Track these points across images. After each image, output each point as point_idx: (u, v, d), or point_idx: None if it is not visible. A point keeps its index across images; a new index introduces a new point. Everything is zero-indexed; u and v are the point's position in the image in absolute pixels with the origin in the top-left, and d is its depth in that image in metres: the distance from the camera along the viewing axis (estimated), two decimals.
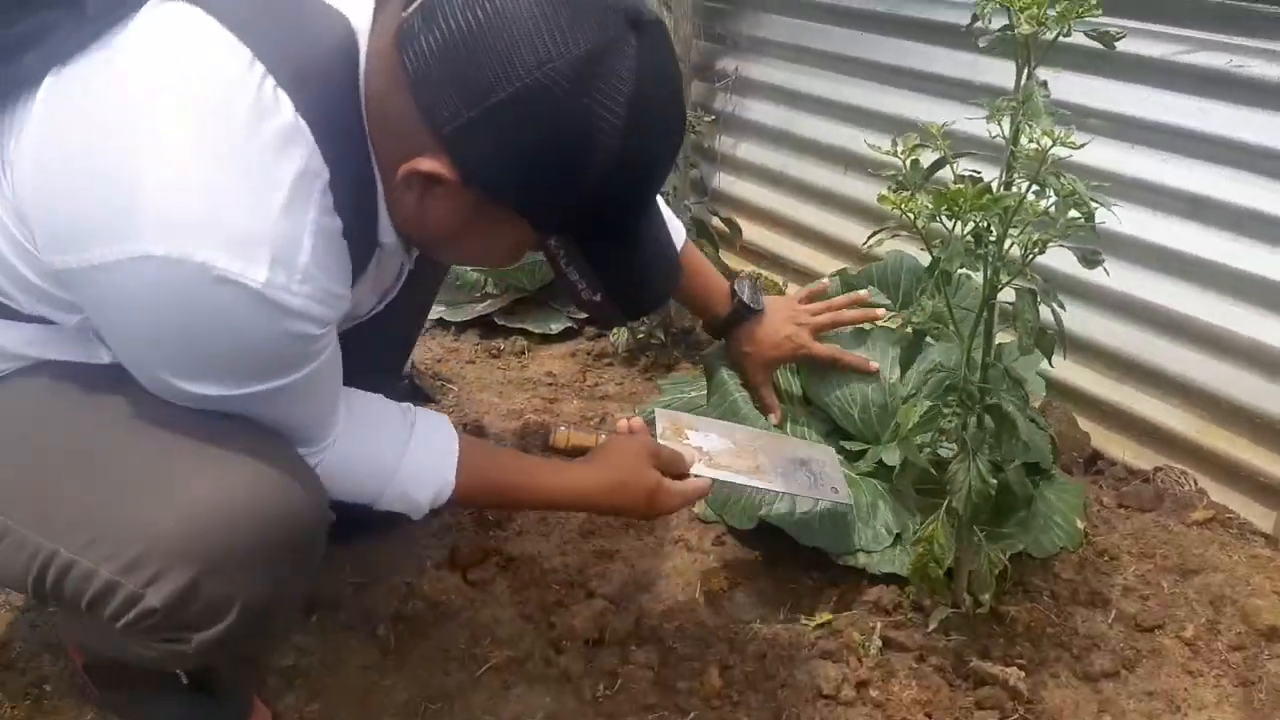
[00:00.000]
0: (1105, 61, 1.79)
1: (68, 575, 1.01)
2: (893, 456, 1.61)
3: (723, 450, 1.51)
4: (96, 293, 0.96)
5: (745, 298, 1.72)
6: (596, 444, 1.46)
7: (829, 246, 2.44)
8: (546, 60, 0.92)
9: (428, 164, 0.97)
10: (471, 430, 1.93)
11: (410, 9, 0.95)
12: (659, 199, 1.39)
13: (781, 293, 2.48)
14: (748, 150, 2.60)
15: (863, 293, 1.82)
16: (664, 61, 1.00)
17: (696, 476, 1.44)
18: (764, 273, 2.53)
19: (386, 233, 1.08)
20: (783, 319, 1.75)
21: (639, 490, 1.37)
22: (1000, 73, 1.94)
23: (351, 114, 0.99)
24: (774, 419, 1.74)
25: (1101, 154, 1.74)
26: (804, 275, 2.43)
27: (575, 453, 1.49)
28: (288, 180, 0.93)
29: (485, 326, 2.37)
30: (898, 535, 1.59)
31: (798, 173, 2.48)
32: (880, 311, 1.78)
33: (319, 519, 1.08)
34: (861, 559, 1.58)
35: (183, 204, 0.90)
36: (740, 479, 1.49)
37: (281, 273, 0.92)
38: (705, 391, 1.86)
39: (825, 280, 1.92)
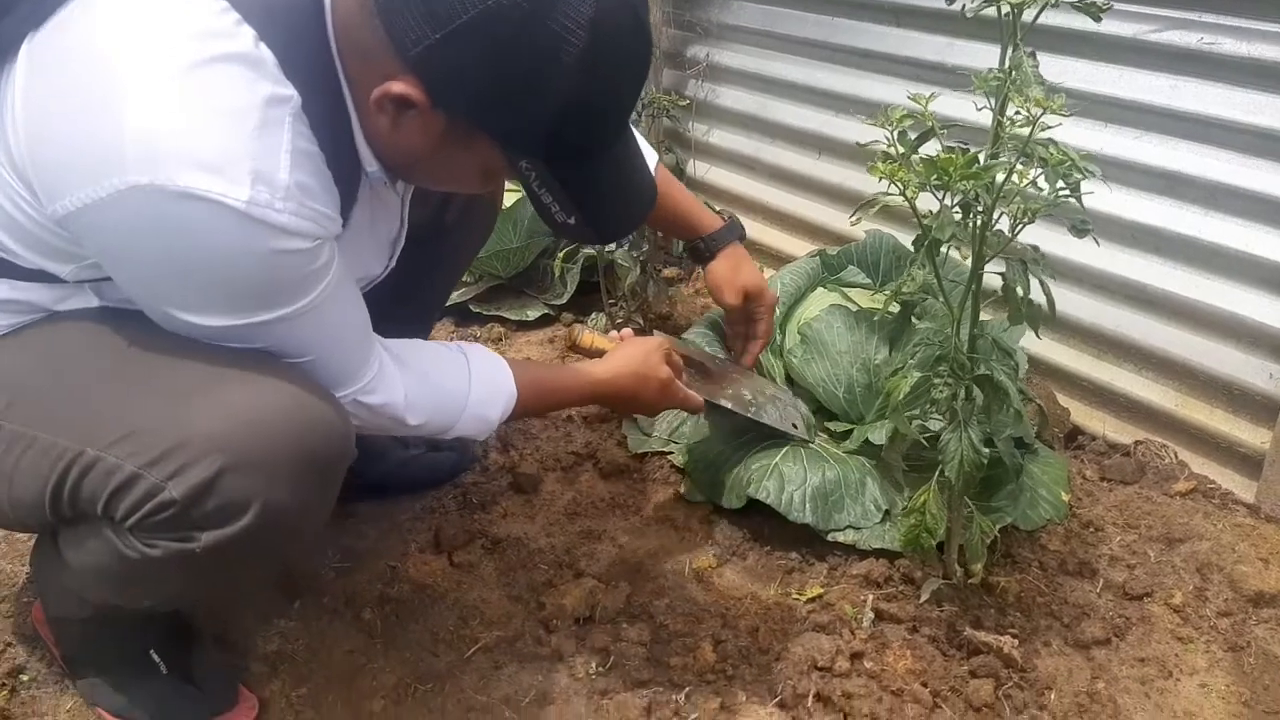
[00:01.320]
0: (1079, 42, 1.82)
1: (90, 472, 1.02)
2: (879, 435, 1.61)
3: (712, 377, 1.68)
4: (96, 234, 0.99)
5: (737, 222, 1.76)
6: (614, 347, 1.59)
7: (803, 230, 2.45)
8: None
9: (398, 87, 1.00)
10: None
11: None
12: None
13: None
14: (721, 136, 2.61)
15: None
16: None
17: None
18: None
19: (368, 160, 1.11)
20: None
21: (655, 381, 1.51)
22: (973, 54, 1.98)
23: (319, 44, 1.02)
24: (748, 361, 1.76)
25: (1076, 133, 1.75)
26: (778, 259, 2.43)
27: (595, 353, 1.60)
28: (257, 105, 0.96)
29: (461, 314, 2.35)
30: (886, 511, 1.59)
31: (771, 158, 2.49)
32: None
33: (344, 444, 1.11)
34: (850, 535, 1.58)
35: (159, 135, 0.93)
36: (724, 403, 1.65)
37: (264, 190, 0.95)
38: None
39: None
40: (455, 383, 1.32)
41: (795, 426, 1.71)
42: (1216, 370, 1.78)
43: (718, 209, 1.79)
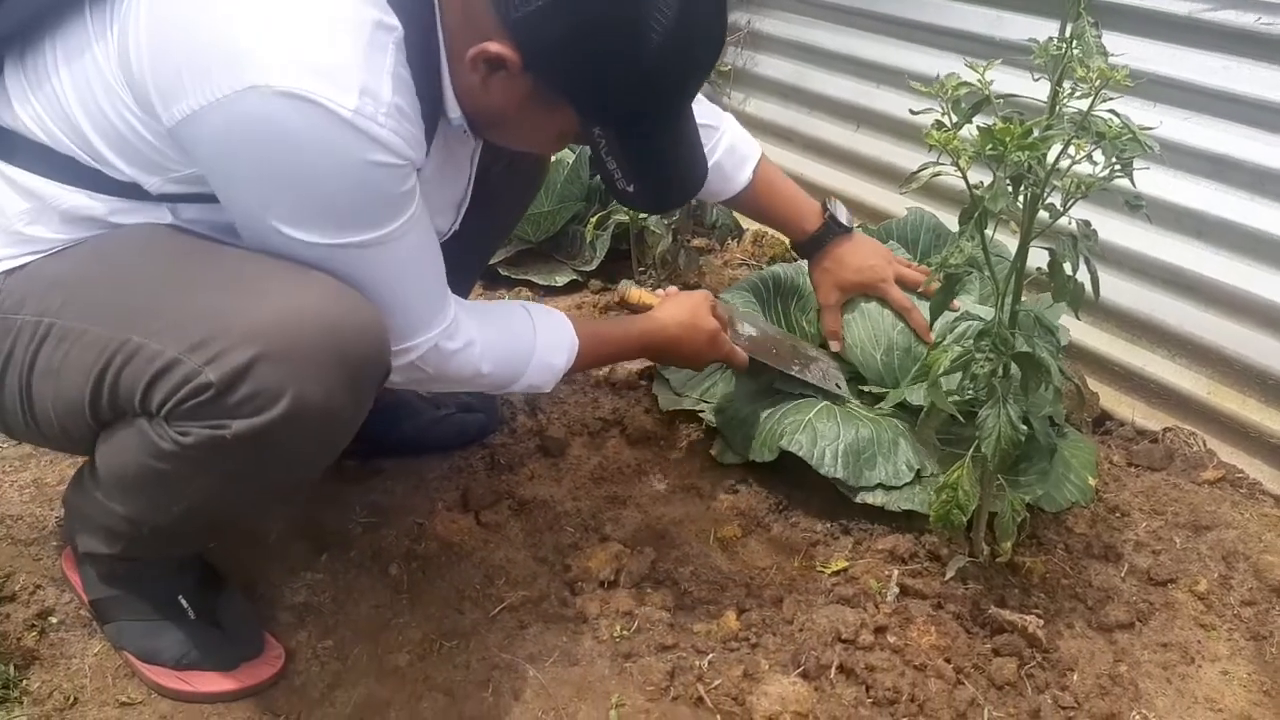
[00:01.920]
0: (1130, 18, 1.79)
1: (133, 359, 1.06)
2: (917, 396, 1.58)
3: (756, 337, 1.71)
4: (207, 139, 1.04)
5: (839, 216, 1.74)
6: (658, 300, 1.64)
7: None
8: None
9: (495, 47, 1.07)
10: None
11: None
12: (733, 120, 1.62)
13: (787, 250, 2.46)
14: (758, 106, 2.58)
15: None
16: None
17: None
18: (771, 231, 2.51)
19: (452, 108, 1.16)
20: (872, 250, 1.74)
21: (704, 332, 1.57)
22: (1023, 28, 1.95)
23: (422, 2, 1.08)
24: (835, 346, 1.73)
25: (1124, 111, 1.72)
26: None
27: (643, 309, 1.64)
28: (367, 26, 1.03)
29: (489, 277, 2.34)
30: (917, 473, 1.58)
31: (809, 129, 2.46)
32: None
33: (378, 348, 1.13)
34: (880, 496, 1.57)
35: (275, 43, 1.00)
36: (767, 360, 1.67)
37: (369, 102, 1.02)
38: None
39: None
40: (522, 332, 1.38)
41: (839, 386, 1.72)
42: (1252, 359, 1.76)
43: (821, 199, 1.76)
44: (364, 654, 1.36)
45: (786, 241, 2.47)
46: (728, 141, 1.64)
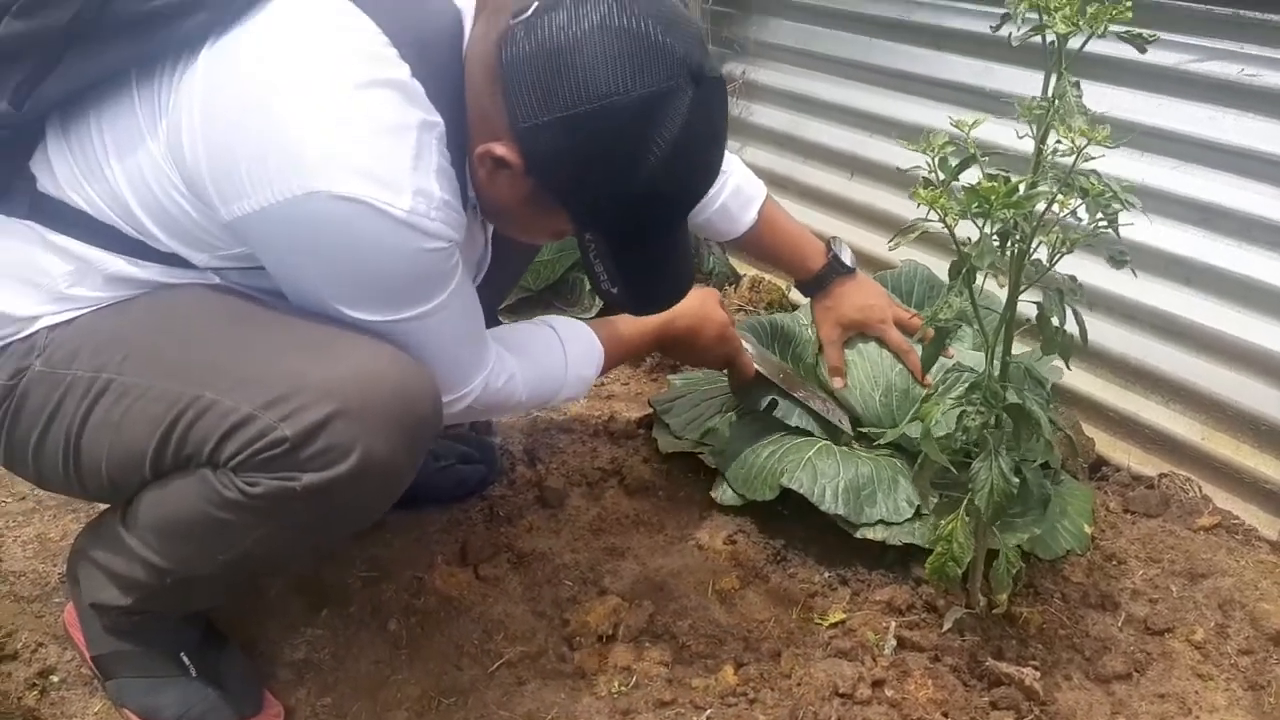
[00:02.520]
0: (1118, 69, 1.82)
1: (205, 414, 1.11)
2: (916, 429, 1.59)
3: (760, 356, 1.77)
4: (267, 234, 1.12)
5: (843, 256, 1.77)
6: None
7: None
8: (615, 93, 1.08)
9: (501, 149, 1.13)
10: (482, 430, 1.91)
11: (517, 19, 1.11)
12: (738, 161, 1.70)
13: (784, 295, 2.49)
14: (754, 154, 2.61)
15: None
16: (712, 113, 1.16)
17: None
18: (768, 276, 2.53)
19: (471, 190, 1.23)
20: (874, 291, 1.78)
21: (714, 323, 1.65)
22: (1012, 79, 1.98)
23: (456, 82, 1.15)
24: (838, 383, 1.75)
25: (1112, 161, 1.74)
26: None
27: None
28: (414, 127, 1.10)
29: (489, 324, 2.35)
30: (917, 509, 1.59)
31: (804, 177, 2.49)
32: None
33: (435, 411, 1.20)
34: (880, 531, 1.58)
35: (334, 149, 1.06)
36: (772, 378, 1.74)
37: (421, 201, 1.09)
38: (715, 382, 1.89)
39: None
40: (552, 352, 1.47)
41: (841, 422, 1.74)
42: (1244, 404, 1.77)
43: (828, 239, 1.80)
44: (363, 711, 1.37)
45: (784, 287, 2.51)
46: (734, 183, 1.67)
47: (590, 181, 1.14)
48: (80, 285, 1.19)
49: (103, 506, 1.35)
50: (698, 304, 1.63)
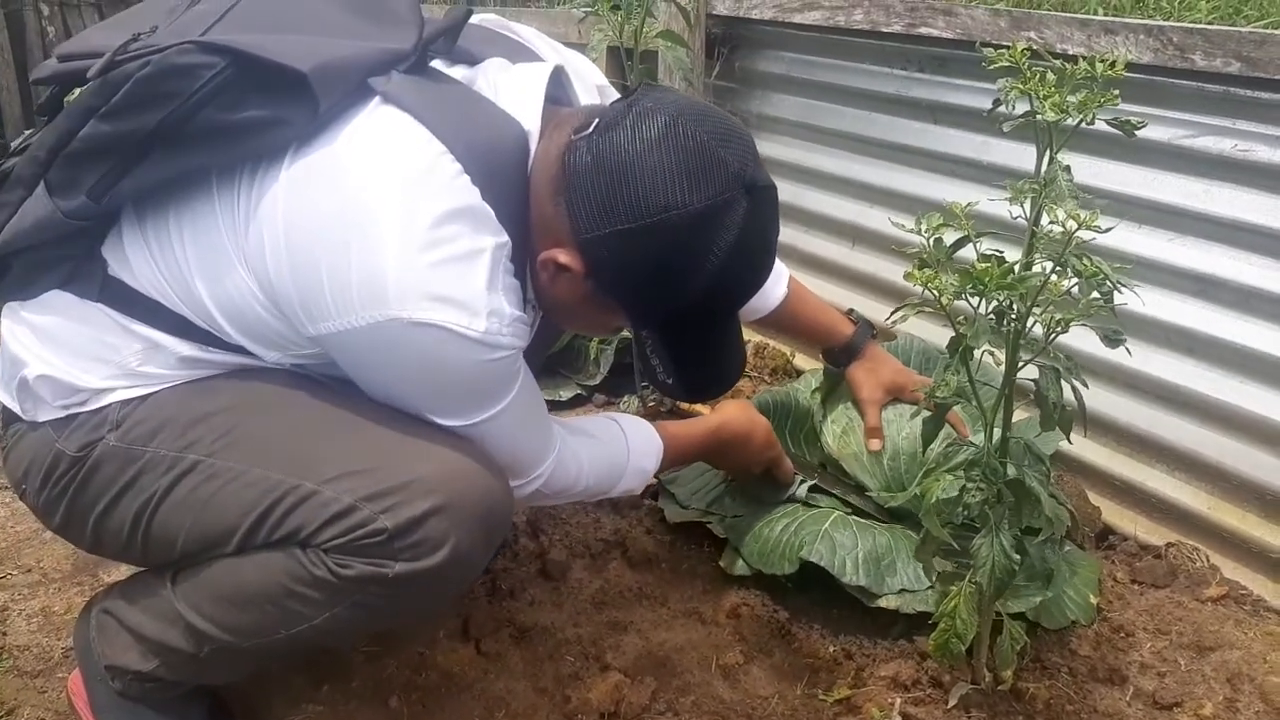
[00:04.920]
0: (1113, 145, 1.85)
1: (304, 503, 1.16)
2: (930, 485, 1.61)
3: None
4: (349, 350, 1.19)
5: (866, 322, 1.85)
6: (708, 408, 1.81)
7: None
8: (672, 207, 1.14)
9: (563, 256, 1.19)
10: None
11: (579, 135, 1.18)
12: None
13: (789, 361, 2.50)
14: None
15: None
16: (765, 221, 1.22)
17: None
18: (771, 343, 2.55)
19: (531, 292, 1.29)
20: (895, 359, 1.87)
21: (763, 429, 1.73)
22: (1009, 154, 2.02)
23: (521, 203, 1.21)
24: (875, 445, 1.77)
25: (1111, 235, 1.77)
26: (814, 348, 2.45)
27: (694, 413, 1.81)
28: (487, 253, 1.15)
29: None
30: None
31: (805, 246, 2.52)
32: (965, 430, 1.78)
33: (511, 511, 1.29)
34: (895, 600, 1.59)
35: (413, 278, 1.11)
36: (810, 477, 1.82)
37: (496, 322, 1.16)
38: None
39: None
40: (615, 443, 1.53)
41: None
42: (1249, 474, 1.77)
43: (847, 310, 1.88)
44: None
45: (789, 353, 2.52)
46: None
47: (648, 288, 1.20)
48: (151, 364, 1.24)
49: (125, 569, 1.37)
50: (742, 410, 1.72)
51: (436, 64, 1.26)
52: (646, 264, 1.17)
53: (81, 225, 1.20)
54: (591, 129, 1.17)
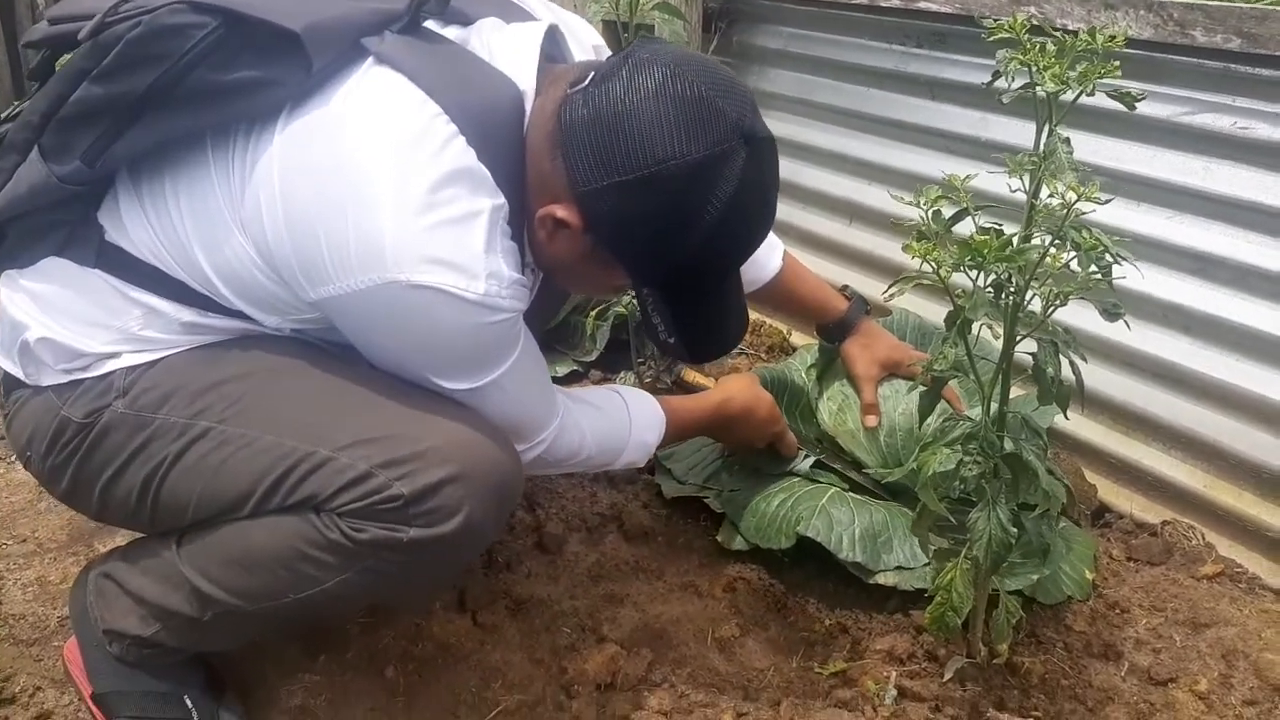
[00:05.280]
0: (1112, 121, 1.84)
1: (320, 469, 1.17)
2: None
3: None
4: (349, 314, 1.18)
5: (860, 299, 1.85)
6: (712, 383, 1.78)
7: None
8: (671, 157, 1.13)
9: (561, 211, 1.18)
10: None
11: (575, 89, 1.17)
12: None
13: (786, 338, 2.50)
14: None
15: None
16: (763, 173, 1.20)
17: None
18: (768, 320, 2.55)
19: (530, 255, 1.29)
20: (890, 333, 1.87)
21: (766, 404, 1.72)
22: (1007, 130, 2.01)
23: (518, 161, 1.20)
24: (871, 421, 1.77)
25: (1109, 211, 1.76)
26: (809, 324, 2.45)
27: (699, 387, 1.80)
28: (485, 214, 1.15)
29: None
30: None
31: (802, 223, 2.51)
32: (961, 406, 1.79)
33: (520, 483, 1.29)
34: (893, 577, 1.60)
35: (412, 241, 1.11)
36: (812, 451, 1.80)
37: (494, 284, 1.15)
38: None
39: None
40: (618, 414, 1.53)
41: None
42: (1245, 452, 1.77)
43: (843, 286, 1.88)
44: None
45: (785, 331, 2.52)
46: None
47: (647, 241, 1.19)
48: (151, 328, 1.24)
49: (122, 537, 1.38)
50: (747, 385, 1.72)
51: (429, 24, 1.25)
52: (645, 216, 1.16)
53: (76, 190, 1.19)
54: (588, 82, 1.16)
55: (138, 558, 1.33)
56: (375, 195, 1.11)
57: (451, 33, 1.26)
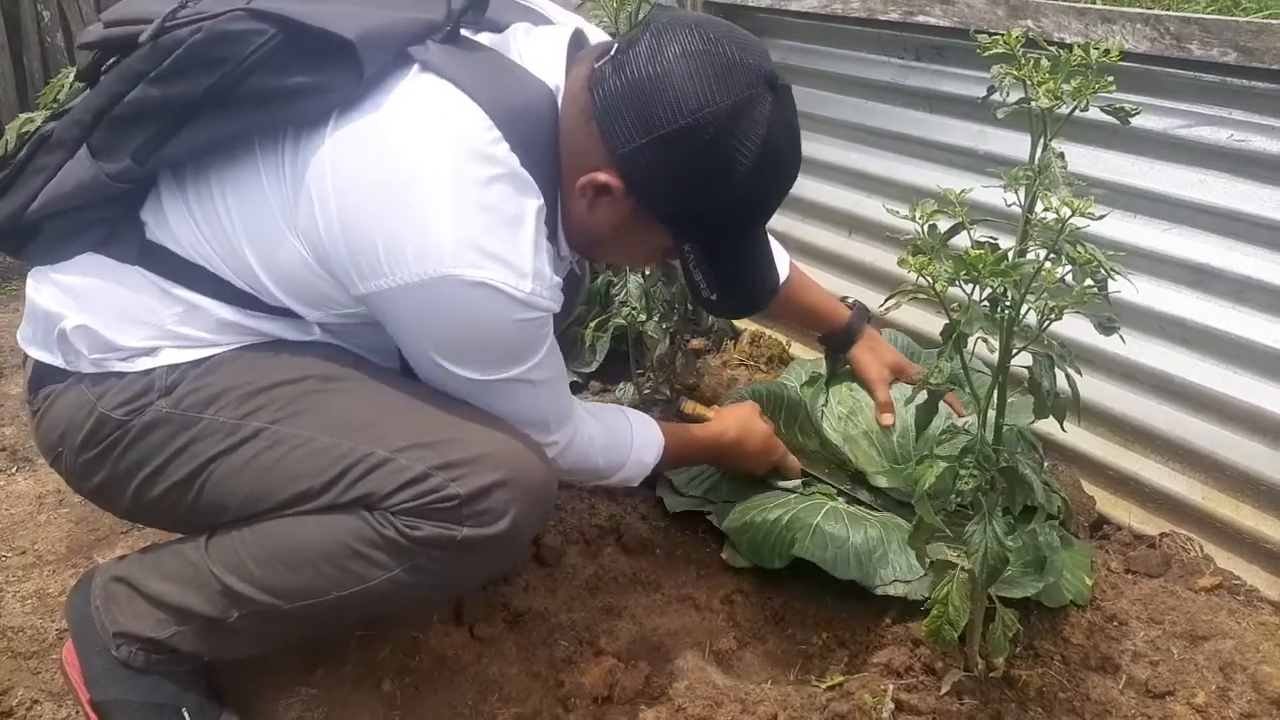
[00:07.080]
0: (1109, 134, 1.85)
1: (378, 469, 1.22)
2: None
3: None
4: (398, 306, 1.22)
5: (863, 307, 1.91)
6: (713, 414, 1.83)
7: None
8: (704, 107, 1.18)
9: (603, 176, 1.24)
10: None
11: (602, 61, 1.23)
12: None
13: (785, 350, 2.50)
14: None
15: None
16: (789, 115, 1.27)
17: None
18: (768, 331, 2.55)
19: (563, 246, 1.35)
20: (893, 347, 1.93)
21: (761, 436, 1.76)
22: (1005, 142, 2.01)
23: (552, 163, 1.26)
24: (888, 420, 1.80)
25: (1106, 224, 1.76)
26: (808, 335, 2.45)
27: (699, 419, 1.85)
28: (529, 215, 1.21)
29: None
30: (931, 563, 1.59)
31: (802, 234, 2.52)
32: (962, 410, 1.81)
33: (554, 490, 1.35)
34: (899, 589, 1.60)
35: (464, 238, 1.17)
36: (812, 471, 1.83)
37: (539, 284, 1.22)
38: None
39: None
40: (621, 429, 1.58)
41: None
42: (1243, 465, 1.77)
43: (843, 297, 1.92)
44: None
45: (785, 342, 2.52)
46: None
47: (689, 191, 1.24)
48: (188, 325, 1.27)
49: (121, 548, 1.36)
50: (744, 417, 1.76)
51: (465, 33, 1.29)
52: (685, 168, 1.21)
53: (123, 189, 1.22)
54: (614, 52, 1.23)
55: (157, 561, 1.34)
56: (432, 195, 1.16)
57: (486, 39, 1.31)
